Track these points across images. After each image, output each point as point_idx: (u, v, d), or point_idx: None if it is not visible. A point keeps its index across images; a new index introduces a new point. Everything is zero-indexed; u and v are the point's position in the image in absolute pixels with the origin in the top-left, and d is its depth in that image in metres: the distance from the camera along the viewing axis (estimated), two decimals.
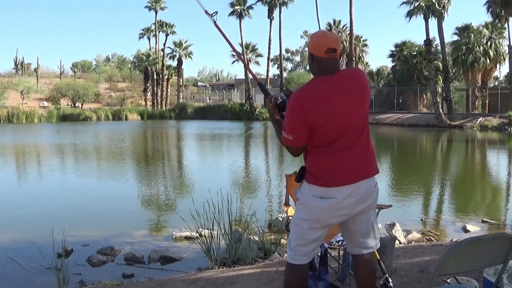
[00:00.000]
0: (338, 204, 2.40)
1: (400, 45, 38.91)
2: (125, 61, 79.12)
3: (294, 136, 2.39)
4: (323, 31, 2.49)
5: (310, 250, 2.53)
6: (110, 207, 7.90)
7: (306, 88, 2.43)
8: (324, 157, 2.41)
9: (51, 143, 20.05)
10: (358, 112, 2.41)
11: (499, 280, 2.21)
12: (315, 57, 2.39)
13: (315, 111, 2.33)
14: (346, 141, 2.39)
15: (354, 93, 2.40)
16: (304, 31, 75.54)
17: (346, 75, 2.43)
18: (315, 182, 2.42)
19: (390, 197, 8.62)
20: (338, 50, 2.39)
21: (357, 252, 2.62)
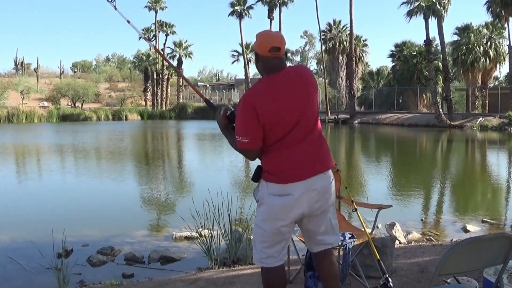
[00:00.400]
0: (296, 200, 2.40)
1: (400, 45, 38.91)
2: (125, 61, 79.15)
3: (249, 137, 2.38)
4: (268, 30, 2.50)
5: (278, 252, 2.50)
6: (110, 207, 7.90)
7: (254, 88, 2.45)
8: (278, 154, 2.42)
9: (51, 143, 20.05)
10: (307, 107, 2.42)
11: (499, 280, 2.21)
12: (260, 56, 2.42)
13: (266, 109, 2.34)
14: (298, 136, 2.41)
15: (301, 89, 2.42)
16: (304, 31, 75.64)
17: (292, 72, 2.46)
18: (272, 180, 2.42)
19: (390, 197, 8.63)
20: (282, 49, 2.41)
21: (317, 249, 2.62)
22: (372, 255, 3.32)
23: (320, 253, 2.62)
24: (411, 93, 38.16)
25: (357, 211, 3.51)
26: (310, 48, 72.19)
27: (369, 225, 3.92)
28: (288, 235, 2.53)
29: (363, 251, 3.56)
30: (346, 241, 3.28)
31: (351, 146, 21.11)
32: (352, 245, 3.29)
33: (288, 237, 2.56)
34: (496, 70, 35.72)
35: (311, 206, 2.45)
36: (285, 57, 2.46)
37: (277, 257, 2.50)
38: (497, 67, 35.26)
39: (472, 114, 32.10)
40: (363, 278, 3.42)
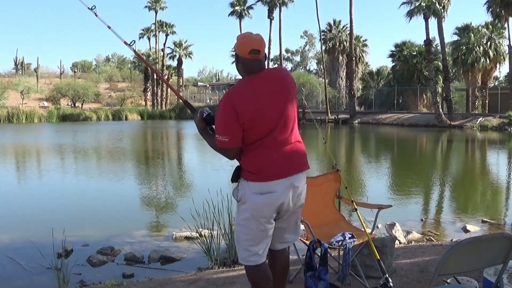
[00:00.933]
0: (279, 197, 2.46)
1: (400, 45, 38.91)
2: (125, 61, 79.14)
3: (229, 137, 2.43)
4: (248, 33, 2.51)
5: (262, 249, 2.55)
6: (110, 207, 7.90)
7: (234, 89, 2.51)
8: (259, 153, 2.47)
9: (51, 143, 20.05)
10: (285, 107, 2.48)
11: (499, 280, 2.21)
12: (240, 58, 2.47)
13: (245, 109, 2.39)
14: (277, 135, 2.46)
15: (281, 90, 2.49)
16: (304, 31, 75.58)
17: (271, 74, 2.52)
18: (253, 179, 2.46)
19: (390, 197, 8.63)
20: (262, 51, 2.45)
21: (279, 247, 2.70)
22: (372, 255, 3.32)
23: (278, 251, 2.71)
24: (411, 93, 38.15)
25: (357, 211, 3.51)
26: (310, 48, 72.19)
27: (369, 225, 3.92)
28: (271, 232, 2.58)
29: (363, 251, 3.56)
30: (346, 241, 3.28)
31: (351, 146, 21.11)
32: (352, 245, 3.28)
33: (271, 234, 2.60)
34: (496, 70, 35.76)
35: (289, 204, 2.53)
36: (264, 59, 2.51)
37: (262, 254, 2.55)
38: (497, 67, 35.28)
39: (472, 114, 32.10)
40: (363, 278, 3.42)
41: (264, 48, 2.47)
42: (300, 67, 71.96)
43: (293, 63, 73.74)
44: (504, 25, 31.21)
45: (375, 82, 43.29)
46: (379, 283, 3.06)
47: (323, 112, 37.17)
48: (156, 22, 48.17)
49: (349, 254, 3.22)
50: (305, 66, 72.76)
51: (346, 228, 3.63)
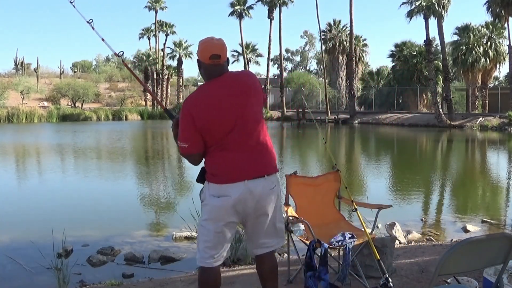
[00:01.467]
0: (233, 202, 2.45)
1: (400, 45, 38.93)
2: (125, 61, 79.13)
3: (188, 143, 2.46)
4: (210, 37, 2.50)
5: (219, 252, 2.54)
6: (110, 207, 7.90)
7: (192, 94, 2.54)
8: (217, 156, 2.49)
9: (51, 143, 20.05)
10: (243, 110, 2.45)
11: (499, 280, 2.21)
12: (201, 63, 2.48)
13: (201, 114, 2.41)
14: (236, 139, 2.46)
15: (240, 93, 2.46)
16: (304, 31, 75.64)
17: (232, 77, 2.50)
18: (212, 180, 2.49)
19: (390, 197, 8.63)
20: (223, 56, 2.45)
21: (259, 252, 2.68)
22: (372, 255, 3.32)
23: (260, 256, 2.69)
24: (411, 93, 38.17)
25: (357, 211, 3.51)
26: (310, 48, 72.24)
27: (369, 225, 3.92)
28: (228, 238, 2.56)
29: (363, 251, 3.56)
30: (346, 241, 3.28)
31: (351, 146, 21.11)
32: (352, 245, 3.28)
33: (229, 241, 2.58)
34: (496, 70, 35.79)
35: (249, 208, 2.50)
36: (227, 64, 2.51)
37: (216, 257, 2.54)
38: (497, 67, 35.32)
39: (472, 114, 32.11)
40: (363, 278, 3.42)
41: (225, 52, 2.47)
42: (300, 67, 72.00)
43: (293, 63, 73.83)
44: (504, 25, 31.22)
45: (375, 82, 43.30)
46: (379, 283, 3.06)
47: (323, 112, 37.19)
48: (156, 22, 48.17)
49: (349, 254, 3.22)
50: (305, 66, 72.79)
51: (346, 228, 3.63)
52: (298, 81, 47.40)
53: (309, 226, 3.29)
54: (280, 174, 9.75)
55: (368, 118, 35.65)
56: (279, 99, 42.32)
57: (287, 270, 3.73)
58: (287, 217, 3.52)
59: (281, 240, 2.73)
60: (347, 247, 3.23)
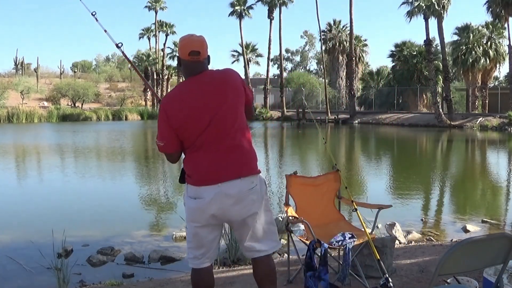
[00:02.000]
0: (207, 204, 2.42)
1: (400, 45, 38.93)
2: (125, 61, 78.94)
3: (164, 141, 2.46)
4: (190, 34, 2.47)
5: (202, 254, 2.52)
6: (110, 207, 7.90)
7: (169, 92, 2.53)
8: (192, 157, 2.46)
9: (51, 143, 20.05)
10: (219, 110, 2.39)
11: (499, 280, 2.21)
12: (181, 60, 2.45)
13: (175, 113, 2.39)
14: (210, 139, 2.41)
15: (217, 92, 2.41)
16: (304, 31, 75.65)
17: (211, 75, 2.45)
18: (189, 182, 2.48)
19: (390, 197, 8.63)
20: (202, 53, 2.41)
21: (248, 256, 2.63)
22: (372, 255, 3.32)
23: (253, 260, 2.63)
24: (411, 93, 38.17)
25: (357, 211, 3.51)
26: (310, 48, 72.22)
27: (369, 225, 3.92)
28: (208, 241, 2.51)
29: (363, 251, 3.56)
30: (346, 241, 3.28)
31: (351, 146, 21.11)
32: (352, 245, 3.28)
33: (211, 243, 2.53)
34: (496, 70, 35.78)
35: (226, 212, 2.44)
36: (207, 61, 2.47)
37: (201, 259, 2.52)
38: (497, 67, 35.30)
39: (472, 114, 32.11)
40: (363, 278, 3.42)
41: (205, 49, 2.42)
42: (300, 67, 71.99)
43: (293, 63, 73.81)
44: (504, 25, 31.23)
45: (375, 82, 43.31)
46: (379, 283, 3.06)
47: (323, 112, 37.19)
48: (156, 22, 48.20)
49: (349, 254, 3.22)
50: (305, 66, 72.78)
51: (346, 228, 3.63)
52: (298, 81, 47.38)
53: (309, 226, 3.29)
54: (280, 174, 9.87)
55: (368, 118, 35.65)
56: (279, 99, 42.33)
57: (287, 270, 3.73)
58: (287, 217, 3.52)
59: (274, 244, 2.61)
60: (347, 247, 3.23)
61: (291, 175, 3.84)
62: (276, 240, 2.63)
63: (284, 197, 3.95)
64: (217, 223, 2.52)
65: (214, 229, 2.53)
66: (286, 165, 13.20)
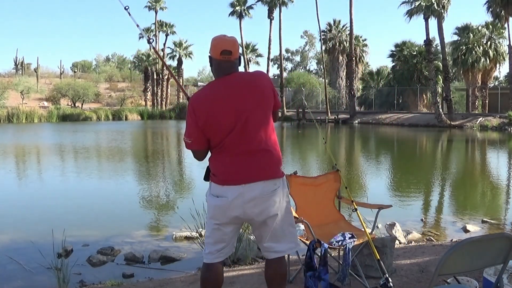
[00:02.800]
0: (230, 203, 2.44)
1: (400, 45, 38.95)
2: (125, 61, 79.20)
3: (192, 139, 2.48)
4: (222, 35, 2.49)
5: (217, 250, 2.55)
6: (110, 207, 7.90)
7: (198, 91, 2.54)
8: (218, 156, 2.49)
9: (51, 143, 20.05)
10: (252, 112, 2.41)
11: (499, 280, 2.21)
12: (213, 59, 2.46)
13: (203, 112, 2.41)
14: (237, 142, 2.42)
15: (246, 93, 2.42)
16: (304, 31, 75.64)
17: (242, 77, 2.48)
18: (213, 180, 2.51)
19: (390, 197, 8.63)
20: (234, 53, 2.42)
21: (266, 256, 2.63)
22: (372, 255, 3.32)
23: (268, 260, 2.64)
24: (411, 93, 38.19)
25: (357, 211, 3.51)
26: (310, 48, 72.22)
27: (369, 225, 3.92)
28: (227, 237, 2.55)
29: (363, 251, 3.56)
30: (346, 241, 3.28)
31: (351, 146, 21.11)
32: (352, 245, 3.29)
33: (229, 240, 2.57)
34: (496, 70, 35.81)
35: (247, 212, 2.46)
36: (238, 62, 2.47)
37: (215, 254, 2.55)
38: (497, 67, 35.34)
39: (472, 114, 32.12)
40: (363, 278, 3.42)
41: (237, 50, 2.44)
42: (300, 67, 71.98)
43: (293, 63, 73.81)
44: (504, 25, 31.22)
45: (375, 82, 43.32)
46: (379, 283, 3.06)
47: (323, 112, 37.20)
48: (156, 22, 48.18)
49: (349, 254, 3.22)
50: (305, 66, 72.78)
51: (346, 228, 3.63)
52: (298, 81, 47.38)
53: (309, 226, 3.29)
54: None
55: (368, 118, 35.66)
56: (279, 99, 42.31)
57: (287, 270, 3.73)
58: None
59: (292, 246, 2.63)
60: (347, 247, 3.23)
61: (291, 175, 3.84)
62: (295, 241, 2.65)
63: None
64: (237, 223, 2.56)
65: (233, 227, 2.56)
66: (286, 165, 13.21)
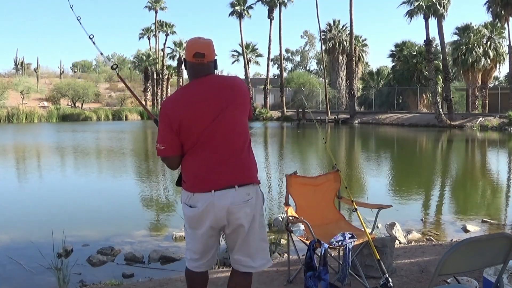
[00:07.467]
0: (201, 214, 2.35)
1: (400, 45, 38.95)
2: (125, 61, 79.13)
3: (165, 145, 2.38)
4: (197, 37, 2.44)
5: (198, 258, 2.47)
6: (110, 207, 7.90)
7: (171, 95, 2.48)
8: (189, 161, 2.39)
9: (51, 143, 20.05)
10: (225, 116, 2.34)
11: (499, 280, 2.21)
12: (187, 62, 2.41)
13: (175, 116, 2.33)
14: (209, 145, 2.34)
15: (222, 97, 2.35)
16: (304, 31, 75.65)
17: (216, 80, 2.41)
18: (184, 187, 2.42)
19: (390, 197, 8.63)
20: (207, 55, 2.36)
21: (235, 267, 2.51)
22: (372, 255, 3.32)
23: (233, 271, 2.53)
24: (411, 93, 38.19)
25: (357, 211, 3.51)
26: (310, 48, 72.19)
27: (369, 225, 3.92)
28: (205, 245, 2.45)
29: (363, 251, 3.56)
30: (346, 241, 3.28)
31: (351, 146, 21.11)
32: (352, 245, 3.28)
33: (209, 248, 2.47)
34: (496, 70, 35.81)
35: (218, 221, 2.36)
36: (213, 65, 2.40)
37: (195, 261, 2.48)
38: (497, 67, 35.33)
39: (472, 114, 32.12)
40: (363, 278, 3.42)
41: (211, 53, 2.38)
42: (300, 67, 71.97)
43: (293, 63, 73.79)
44: (504, 25, 31.23)
45: (375, 82, 43.33)
46: (379, 283, 3.06)
47: (323, 112, 37.20)
48: (156, 22, 48.20)
49: (349, 254, 3.22)
50: (305, 66, 72.76)
51: (346, 228, 3.63)
52: (298, 81, 47.38)
53: (309, 226, 3.29)
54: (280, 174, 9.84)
55: (368, 118, 35.66)
56: (279, 99, 42.34)
57: (287, 270, 3.73)
58: (287, 217, 3.52)
59: (264, 262, 2.48)
60: (347, 247, 3.23)
61: (291, 175, 3.84)
62: (267, 258, 2.52)
63: (284, 197, 3.95)
64: (212, 231, 2.44)
65: (209, 235, 2.44)
66: (286, 165, 13.20)
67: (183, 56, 2.49)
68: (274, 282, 3.66)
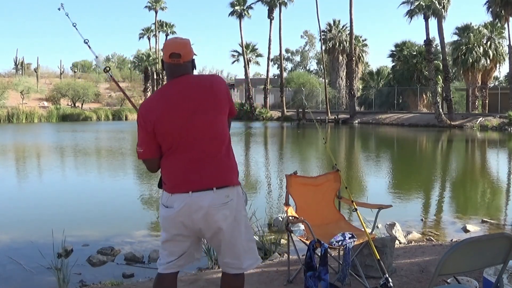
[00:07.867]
0: (176, 214, 2.32)
1: (400, 45, 38.94)
2: (125, 61, 79.19)
3: (143, 148, 2.37)
4: (174, 37, 2.42)
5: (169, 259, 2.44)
6: (110, 207, 7.91)
7: (148, 97, 2.46)
8: (167, 162, 2.37)
9: (51, 143, 20.05)
10: (203, 116, 2.31)
11: (499, 280, 2.21)
12: (164, 62, 2.37)
13: (151, 118, 2.30)
14: (187, 147, 2.31)
15: (200, 97, 2.32)
16: (304, 31, 75.61)
17: (192, 80, 2.37)
18: (164, 188, 2.40)
19: (390, 197, 8.63)
20: (184, 55, 2.32)
21: (224, 270, 2.49)
22: (372, 255, 3.32)
23: (223, 274, 2.51)
24: (411, 93, 38.19)
25: (357, 211, 3.51)
26: (310, 48, 72.19)
27: (369, 225, 3.92)
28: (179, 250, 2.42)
29: (363, 251, 3.56)
30: (346, 241, 3.28)
31: (351, 146, 21.11)
32: (352, 245, 3.29)
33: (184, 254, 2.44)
34: (496, 70, 35.81)
35: (195, 223, 2.32)
36: (191, 65, 2.37)
37: (166, 266, 2.45)
38: (497, 67, 35.32)
39: (472, 114, 32.12)
40: (363, 278, 3.42)
41: (188, 53, 2.34)
42: (300, 67, 71.97)
43: (293, 63, 73.79)
44: (504, 25, 31.24)
45: (375, 82, 43.32)
46: (379, 283, 3.06)
47: (323, 112, 37.20)
48: (156, 22, 48.22)
49: (349, 254, 3.22)
50: (305, 66, 72.76)
51: (346, 228, 3.63)
52: (298, 81, 47.36)
53: (309, 226, 3.29)
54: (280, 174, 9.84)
55: (368, 118, 35.66)
56: (279, 99, 42.33)
57: (287, 270, 3.73)
58: (287, 217, 3.52)
59: (252, 262, 2.46)
60: (347, 247, 3.23)
61: (291, 175, 3.84)
62: (255, 257, 2.48)
63: (284, 197, 3.95)
64: (189, 235, 2.39)
65: (187, 240, 2.40)
66: (286, 165, 13.20)
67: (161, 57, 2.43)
68: (274, 282, 3.66)
